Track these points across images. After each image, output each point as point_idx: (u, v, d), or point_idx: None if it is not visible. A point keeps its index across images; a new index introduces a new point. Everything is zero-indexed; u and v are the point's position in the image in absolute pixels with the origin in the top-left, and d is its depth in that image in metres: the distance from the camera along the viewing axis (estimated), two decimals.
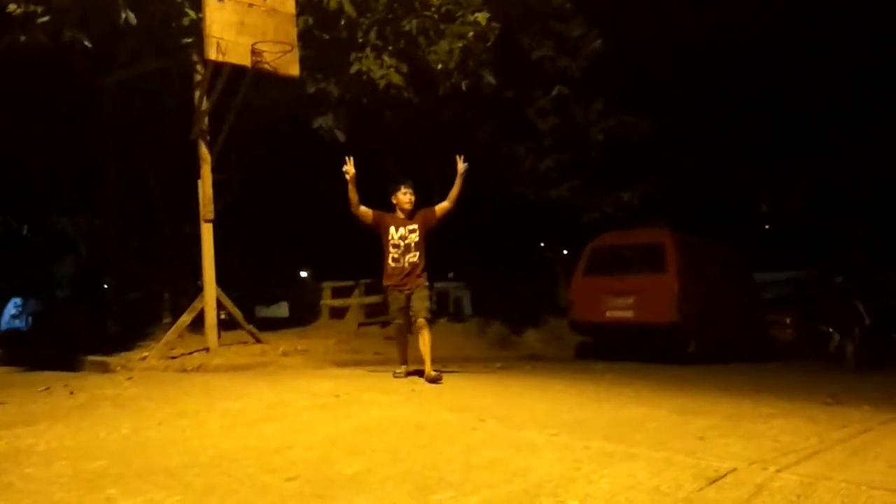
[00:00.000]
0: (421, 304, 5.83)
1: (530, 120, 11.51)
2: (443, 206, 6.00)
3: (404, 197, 5.97)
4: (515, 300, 13.27)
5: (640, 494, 2.45)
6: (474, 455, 3.07)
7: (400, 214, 5.98)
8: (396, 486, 2.64)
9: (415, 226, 5.91)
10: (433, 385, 5.48)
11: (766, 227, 17.22)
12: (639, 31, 12.47)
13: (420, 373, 5.92)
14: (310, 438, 3.55)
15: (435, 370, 5.74)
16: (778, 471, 2.70)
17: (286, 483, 2.82)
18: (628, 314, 9.52)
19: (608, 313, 9.75)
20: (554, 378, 6.68)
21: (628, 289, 9.56)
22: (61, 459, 3.40)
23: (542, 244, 16.25)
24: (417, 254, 5.90)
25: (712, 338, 9.72)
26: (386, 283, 6.02)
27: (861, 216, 18.49)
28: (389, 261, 5.93)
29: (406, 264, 5.87)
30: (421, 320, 5.82)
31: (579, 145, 11.89)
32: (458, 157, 5.92)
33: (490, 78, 9.65)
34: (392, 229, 5.91)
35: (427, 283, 5.98)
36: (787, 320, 12.42)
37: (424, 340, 5.79)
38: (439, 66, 9.08)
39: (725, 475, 2.63)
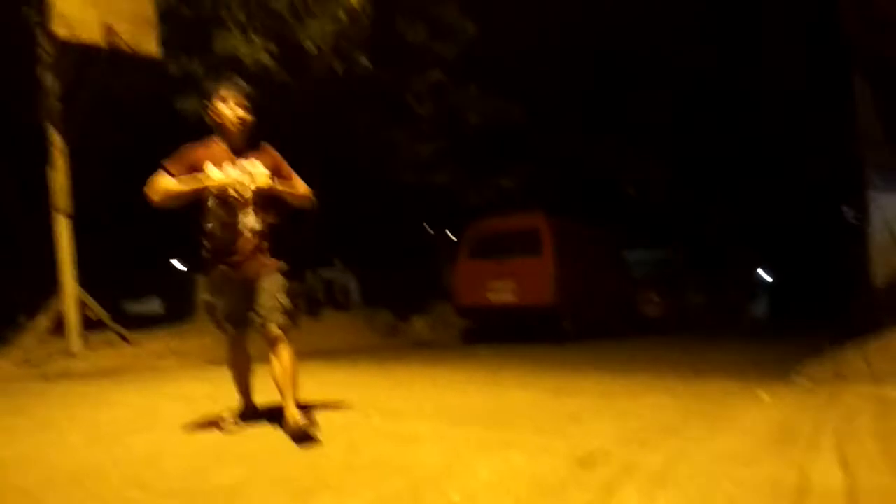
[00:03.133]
0: (272, 300, 3.39)
1: (409, 105, 11.51)
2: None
3: (229, 109, 3.40)
4: (403, 287, 13.32)
5: (519, 482, 2.53)
6: (356, 454, 3.05)
7: (224, 145, 3.44)
8: (274, 494, 2.57)
9: (258, 164, 3.42)
10: (301, 435, 3.20)
11: (634, 207, 18.30)
12: (511, 16, 12.75)
13: (273, 414, 3.69)
14: (184, 448, 3.38)
15: (304, 414, 3.35)
16: (644, 449, 2.87)
17: (158, 499, 2.67)
18: (509, 297, 9.82)
19: (490, 297, 10.01)
20: (441, 365, 6.77)
21: (508, 272, 9.86)
22: None
23: (428, 230, 16.39)
24: (261, 216, 3.43)
25: (587, 316, 10.23)
26: (207, 258, 3.49)
27: (715, 195, 20.11)
28: (211, 226, 3.43)
29: (242, 232, 3.40)
30: (274, 328, 3.38)
31: (457, 131, 12.06)
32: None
33: (365, 61, 9.56)
34: (212, 168, 3.34)
35: (281, 268, 3.51)
36: (654, 297, 13.29)
37: (283, 364, 3.39)
38: (312, 48, 8.88)
39: (597, 456, 2.76)
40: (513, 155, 13.18)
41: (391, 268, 14.31)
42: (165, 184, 3.29)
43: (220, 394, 4.80)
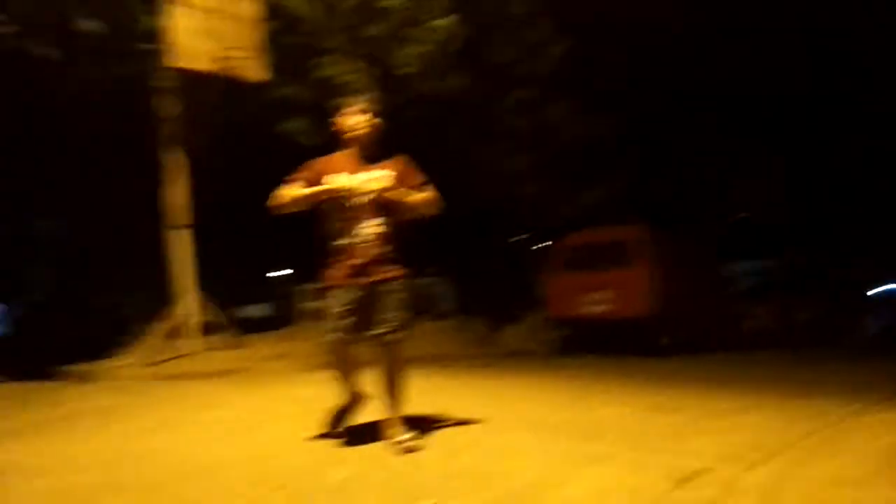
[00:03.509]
0: (391, 310, 3.38)
1: (500, 120, 11.65)
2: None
3: (352, 119, 3.44)
4: (496, 296, 13.40)
5: (617, 496, 2.56)
6: (455, 462, 3.17)
7: (349, 155, 3.46)
8: (379, 495, 2.73)
9: (381, 173, 3.40)
10: (403, 449, 3.31)
11: (741, 216, 17.55)
12: (603, 30, 12.62)
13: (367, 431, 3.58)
14: (295, 447, 3.62)
15: (405, 427, 3.44)
16: (747, 468, 2.83)
17: (274, 493, 2.88)
18: (604, 308, 9.72)
19: (584, 308, 9.94)
20: (534, 376, 6.81)
21: (603, 284, 9.76)
22: (50, 474, 3.42)
23: (520, 238, 16.40)
24: (384, 223, 3.40)
25: (685, 330, 9.94)
26: (330, 279, 3.45)
27: (828, 206, 18.94)
28: (331, 233, 3.45)
29: (362, 238, 3.37)
30: (389, 339, 3.38)
31: (548, 145, 12.06)
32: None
33: (455, 81, 9.78)
34: (334, 176, 3.39)
35: (403, 277, 3.46)
36: (757, 311, 12.72)
37: (392, 374, 3.44)
38: (404, 71, 9.19)
39: (697, 474, 2.75)
40: (607, 167, 13.01)
41: (485, 277, 14.42)
42: (287, 190, 3.40)
43: (326, 396, 5.07)
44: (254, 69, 7.83)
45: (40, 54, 7.60)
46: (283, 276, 19.33)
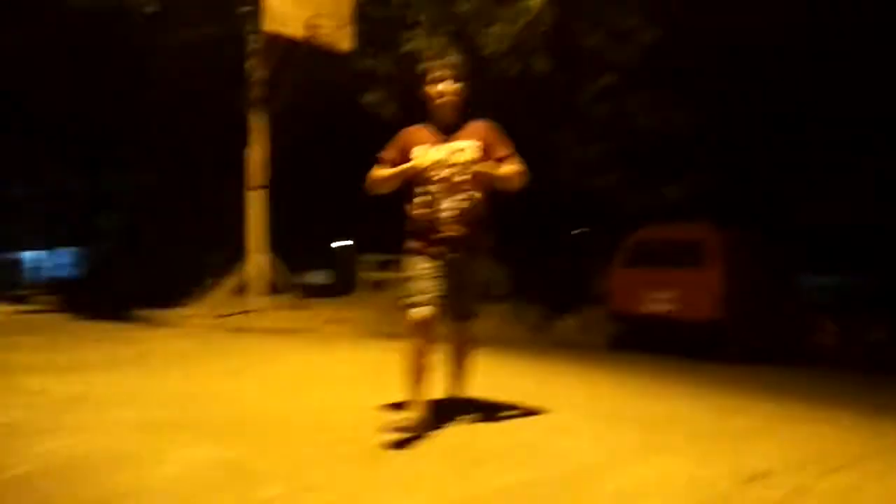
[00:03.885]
0: (471, 287, 3.37)
1: (578, 107, 11.43)
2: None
3: (436, 87, 3.32)
4: (554, 286, 13.27)
5: (677, 487, 2.53)
6: (513, 436, 3.19)
7: (433, 127, 3.36)
8: (442, 458, 2.77)
9: (466, 143, 3.27)
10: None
11: (817, 229, 16.79)
12: (695, 20, 12.18)
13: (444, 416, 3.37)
14: (357, 403, 3.70)
15: (468, 402, 3.56)
16: (817, 476, 2.74)
17: (341, 443, 2.97)
18: (669, 308, 9.48)
19: (648, 306, 9.72)
20: (589, 366, 6.75)
21: (670, 282, 9.51)
22: (125, 405, 3.62)
23: (581, 230, 16.18)
24: (470, 196, 3.26)
25: (752, 337, 9.62)
26: (410, 239, 3.34)
27: None
28: (416, 207, 3.32)
29: (446, 212, 3.24)
30: (465, 316, 3.42)
31: (627, 135, 11.78)
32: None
33: (542, 64, 9.61)
34: (419, 150, 3.29)
35: (487, 250, 3.43)
36: (829, 325, 12.20)
37: (463, 354, 3.50)
38: (492, 50, 9.09)
39: (764, 475, 2.68)
40: (684, 163, 12.63)
41: (544, 265, 14.30)
42: (377, 173, 3.33)
43: (384, 361, 5.15)
44: (342, 39, 7.94)
45: (139, 10, 7.84)
46: (345, 245, 19.69)
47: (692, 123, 11.90)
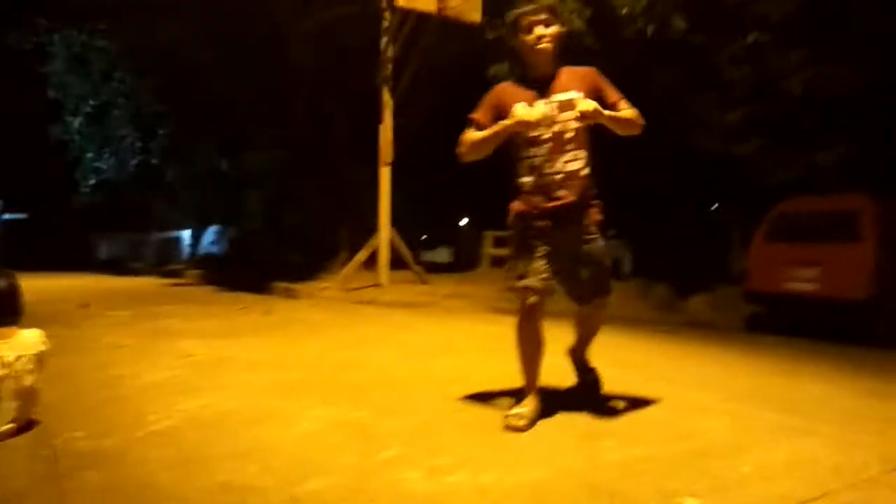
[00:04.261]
0: (598, 270, 2.95)
1: (718, 68, 10.68)
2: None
3: (532, 34, 2.85)
4: (682, 263, 12.67)
5: (821, 469, 2.34)
6: (639, 412, 3.08)
7: (533, 77, 2.91)
8: (561, 430, 2.73)
9: (570, 96, 2.81)
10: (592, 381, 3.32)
11: None
12: None
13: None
14: (477, 375, 3.73)
15: (591, 374, 3.34)
16: None
17: (460, 411, 3.02)
18: (813, 286, 8.75)
19: (790, 284, 9.03)
20: (723, 346, 6.39)
21: (816, 259, 8.76)
22: (263, 368, 3.88)
23: (718, 205, 15.29)
24: (582, 155, 2.87)
25: None
26: (518, 210, 2.94)
27: None
28: (523, 173, 2.91)
29: (559, 176, 2.84)
30: (598, 303, 3.05)
31: (772, 98, 10.87)
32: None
33: (680, 22, 9.02)
34: (520, 107, 2.78)
35: (602, 221, 2.97)
36: None
37: (592, 333, 3.22)
38: (624, 11, 8.66)
39: None
40: (836, 127, 11.51)
41: (674, 241, 13.67)
42: (470, 136, 2.88)
43: (504, 336, 5.16)
44: (471, 10, 7.90)
45: None
46: (467, 223, 19.88)
47: (848, 83, 10.80)
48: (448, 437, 2.63)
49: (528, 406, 2.82)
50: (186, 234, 22.42)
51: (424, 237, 19.33)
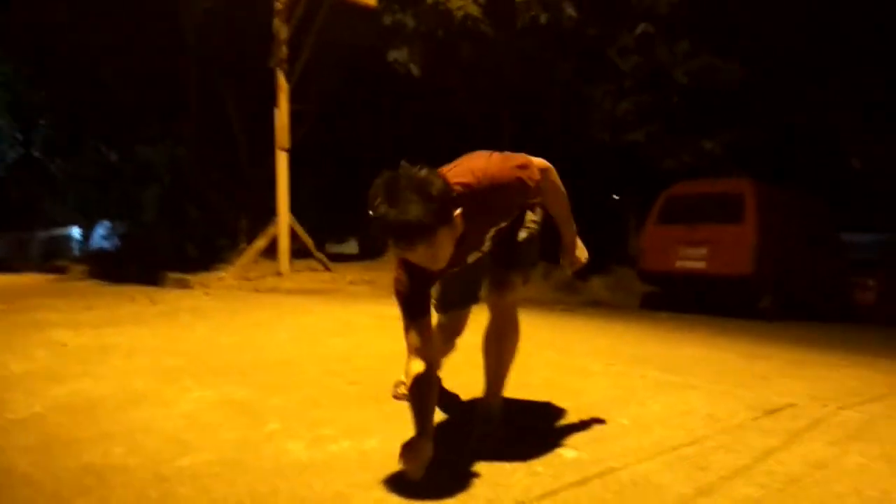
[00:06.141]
0: (518, 255, 2.26)
1: (610, 59, 11.07)
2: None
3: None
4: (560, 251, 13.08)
5: (694, 419, 2.45)
6: (530, 374, 3.12)
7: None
8: (454, 386, 2.74)
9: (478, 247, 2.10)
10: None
11: (858, 184, 16.20)
12: None
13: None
14: (371, 351, 3.68)
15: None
16: (839, 408, 2.63)
17: (348, 386, 2.96)
18: (700, 265, 9.26)
19: (679, 263, 9.50)
20: (616, 321, 6.64)
21: (702, 239, 9.27)
22: (142, 355, 3.66)
23: (615, 194, 15.87)
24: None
25: (788, 294, 9.37)
26: None
27: None
28: None
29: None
30: (508, 295, 2.26)
31: (661, 88, 11.40)
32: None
33: (571, 11, 9.30)
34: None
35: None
36: (870, 282, 11.82)
37: (504, 343, 2.30)
38: None
39: (783, 408, 2.59)
40: (720, 116, 12.20)
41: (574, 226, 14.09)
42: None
43: None
44: None
45: None
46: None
47: (733, 74, 11.45)
48: (333, 410, 2.57)
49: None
50: (76, 231, 21.09)
51: (335, 228, 19.04)
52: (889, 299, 11.55)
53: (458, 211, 1.74)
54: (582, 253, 2.36)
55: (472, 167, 1.91)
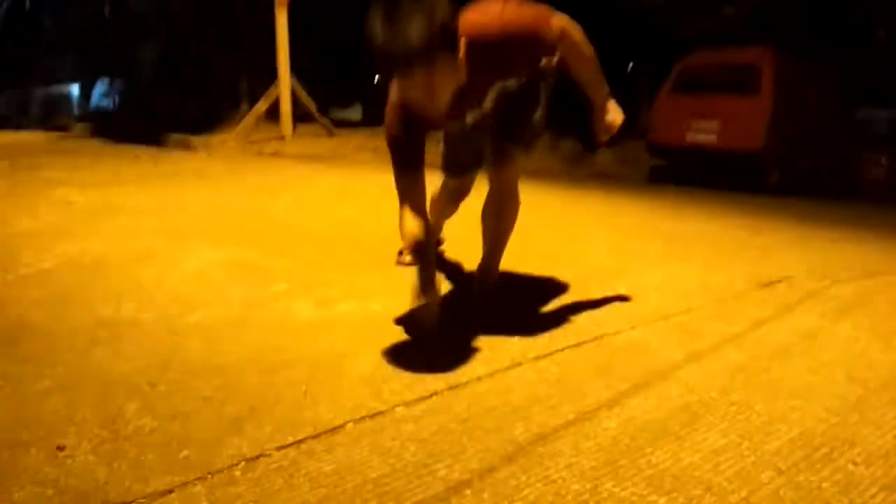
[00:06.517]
0: (522, 118, 2.11)
1: None
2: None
3: None
4: (590, 116, 12.78)
5: (690, 289, 2.50)
6: (532, 243, 3.15)
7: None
8: (454, 255, 2.78)
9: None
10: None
11: (883, 57, 15.52)
12: None
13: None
14: (375, 219, 3.70)
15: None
16: (835, 282, 2.67)
17: (353, 251, 3.00)
18: (711, 139, 9.08)
19: (689, 136, 9.31)
20: (621, 194, 6.62)
21: (715, 111, 9.01)
22: (148, 214, 3.69)
23: (632, 64, 15.28)
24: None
25: (799, 169, 9.24)
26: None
27: None
28: None
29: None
30: (511, 162, 2.17)
31: None
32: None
33: None
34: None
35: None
36: (882, 159, 11.64)
37: (505, 212, 2.27)
38: None
39: (779, 281, 2.63)
40: None
41: (581, 97, 13.70)
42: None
43: None
44: None
45: None
46: (378, 78, 19.09)
47: None
48: (339, 273, 2.62)
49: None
50: (75, 89, 20.59)
51: (341, 94, 18.55)
52: None
53: (462, 44, 1.64)
54: (617, 115, 2.09)
55: (485, 10, 1.77)
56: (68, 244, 2.94)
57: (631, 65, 15.27)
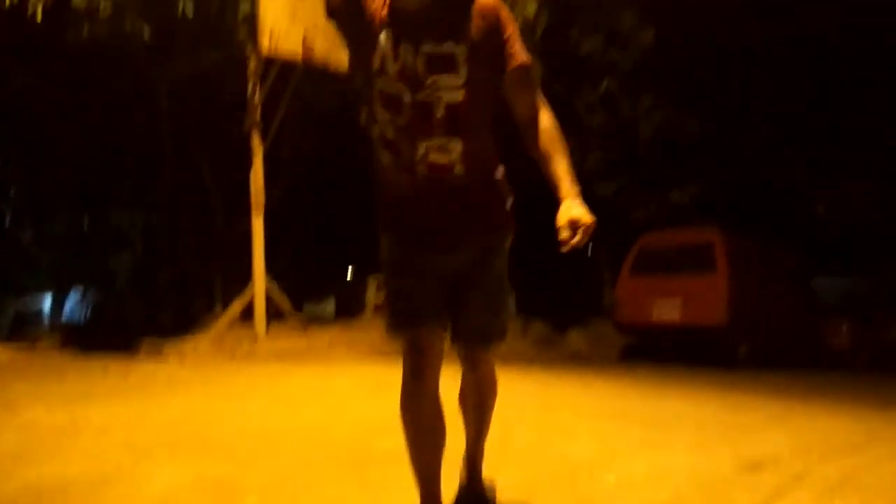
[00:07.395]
0: (487, 305, 1.86)
1: (576, 115, 11.36)
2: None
3: None
4: (559, 300, 13.13)
5: (678, 477, 2.44)
6: (514, 439, 3.10)
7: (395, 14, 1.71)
8: None
9: (450, 49, 1.68)
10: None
11: (826, 229, 16.59)
12: (691, 24, 12.16)
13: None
14: (350, 417, 3.63)
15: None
16: (818, 462, 2.64)
17: (327, 455, 2.90)
18: (676, 315, 9.31)
19: (655, 314, 9.55)
20: (596, 376, 6.64)
21: (676, 289, 9.34)
22: (115, 431, 3.56)
23: (590, 245, 16.05)
24: (461, 136, 1.74)
25: (763, 341, 9.43)
26: (384, 217, 1.88)
27: None
28: (382, 156, 1.82)
29: (424, 165, 1.74)
30: (483, 351, 1.94)
31: (627, 142, 11.70)
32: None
33: (537, 71, 9.56)
34: (385, 44, 1.69)
35: (504, 234, 1.96)
36: (843, 327, 11.98)
37: (481, 397, 2.04)
38: None
39: (764, 463, 2.59)
40: (686, 167, 12.52)
41: (548, 279, 14.17)
42: None
43: (383, 378, 5.08)
44: (338, 58, 7.90)
45: (139, 38, 7.80)
46: (352, 272, 19.65)
47: (696, 126, 11.81)
48: (313, 480, 2.52)
49: None
50: (48, 299, 20.67)
51: (312, 288, 18.94)
52: (862, 344, 11.71)
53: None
54: (584, 215, 1.70)
55: None
56: (30, 469, 2.79)
57: (591, 246, 16.04)
